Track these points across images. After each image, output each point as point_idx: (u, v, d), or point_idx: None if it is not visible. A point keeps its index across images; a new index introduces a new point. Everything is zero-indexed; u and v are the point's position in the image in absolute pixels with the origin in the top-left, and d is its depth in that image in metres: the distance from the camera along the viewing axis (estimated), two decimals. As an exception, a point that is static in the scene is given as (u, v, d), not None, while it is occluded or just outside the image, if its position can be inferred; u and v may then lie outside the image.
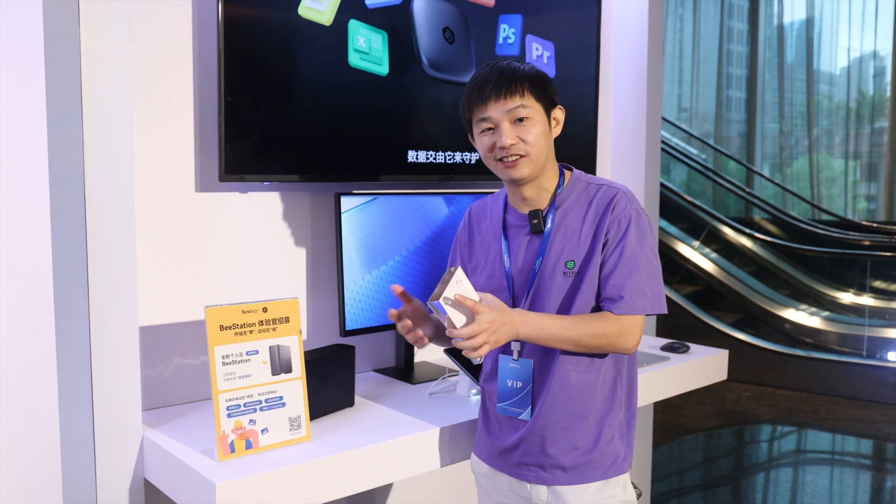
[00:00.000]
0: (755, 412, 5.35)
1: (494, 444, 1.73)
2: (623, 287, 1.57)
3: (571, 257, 1.61)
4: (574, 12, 2.76)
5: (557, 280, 1.62)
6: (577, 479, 1.63)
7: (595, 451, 1.64)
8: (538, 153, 1.61)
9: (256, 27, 1.98)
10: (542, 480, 1.65)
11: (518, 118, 1.59)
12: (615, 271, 1.58)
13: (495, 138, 1.61)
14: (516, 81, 1.59)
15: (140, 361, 1.74)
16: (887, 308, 6.53)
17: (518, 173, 1.61)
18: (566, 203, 1.66)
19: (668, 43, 9.32)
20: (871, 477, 4.28)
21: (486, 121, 1.62)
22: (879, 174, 8.86)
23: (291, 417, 1.67)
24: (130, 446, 1.71)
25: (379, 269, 2.18)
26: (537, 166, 1.62)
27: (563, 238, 1.63)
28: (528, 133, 1.60)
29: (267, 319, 1.65)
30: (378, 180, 2.30)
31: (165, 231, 1.96)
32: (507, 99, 1.58)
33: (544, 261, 1.63)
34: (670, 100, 9.41)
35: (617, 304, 1.57)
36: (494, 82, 1.59)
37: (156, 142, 1.94)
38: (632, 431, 1.70)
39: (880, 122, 8.85)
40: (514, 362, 1.67)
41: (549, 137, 1.65)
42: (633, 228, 1.60)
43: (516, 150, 1.60)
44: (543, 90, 1.62)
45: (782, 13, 9.34)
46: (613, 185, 1.66)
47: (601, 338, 1.56)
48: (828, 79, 9.36)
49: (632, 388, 1.70)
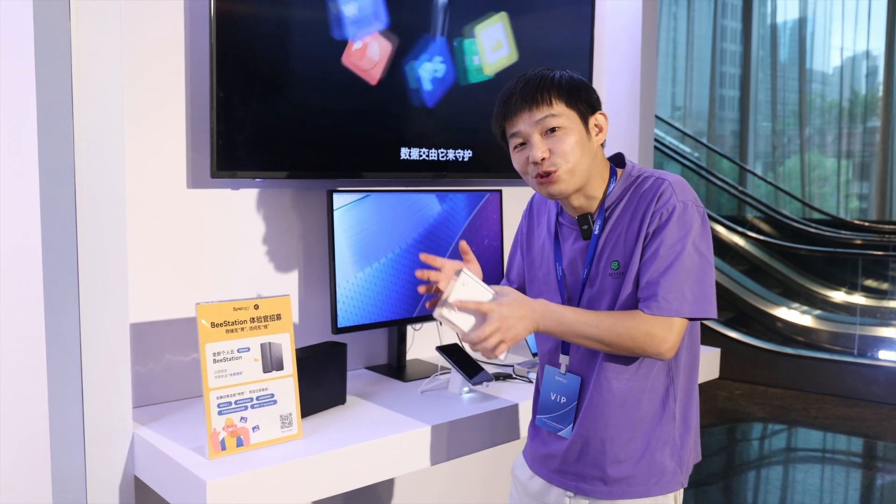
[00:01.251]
0: (747, 410, 5.36)
1: (537, 450, 1.65)
2: (657, 284, 1.43)
3: (616, 257, 1.50)
4: (568, 10, 2.76)
5: (606, 282, 1.51)
6: (619, 494, 1.52)
7: (641, 465, 1.52)
8: (575, 164, 1.48)
9: (249, 23, 1.98)
10: (581, 491, 1.56)
11: (549, 128, 1.48)
12: (650, 267, 1.44)
13: (527, 153, 1.50)
14: (542, 90, 1.48)
15: (131, 358, 1.73)
16: (878, 307, 6.56)
17: (557, 188, 1.49)
18: (614, 204, 1.54)
19: (662, 41, 9.33)
20: (861, 475, 4.29)
21: (517, 136, 1.52)
22: (871, 173, 8.88)
23: (283, 415, 1.67)
24: (121, 443, 1.70)
25: (371, 267, 2.18)
26: (576, 178, 1.50)
27: (610, 240, 1.52)
28: (561, 144, 1.47)
29: (258, 317, 1.65)
30: (370, 177, 2.30)
31: (157, 227, 1.95)
32: (535, 109, 1.47)
33: (593, 265, 1.54)
34: (664, 98, 9.42)
35: (648, 303, 1.43)
36: (520, 93, 1.49)
37: (147, 138, 1.93)
38: (685, 447, 1.56)
39: (872, 121, 8.88)
40: (560, 376, 1.58)
41: (589, 146, 1.51)
42: (674, 221, 1.44)
43: (549, 166, 1.48)
44: (575, 96, 1.50)
45: (775, 12, 9.36)
46: (663, 174, 1.52)
47: (626, 338, 1.42)
48: (820, 78, 9.39)
49: (689, 401, 1.57)
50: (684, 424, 1.56)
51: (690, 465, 1.60)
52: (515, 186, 2.73)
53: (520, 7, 2.59)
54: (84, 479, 1.65)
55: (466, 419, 1.87)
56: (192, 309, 1.99)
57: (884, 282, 6.76)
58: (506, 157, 1.60)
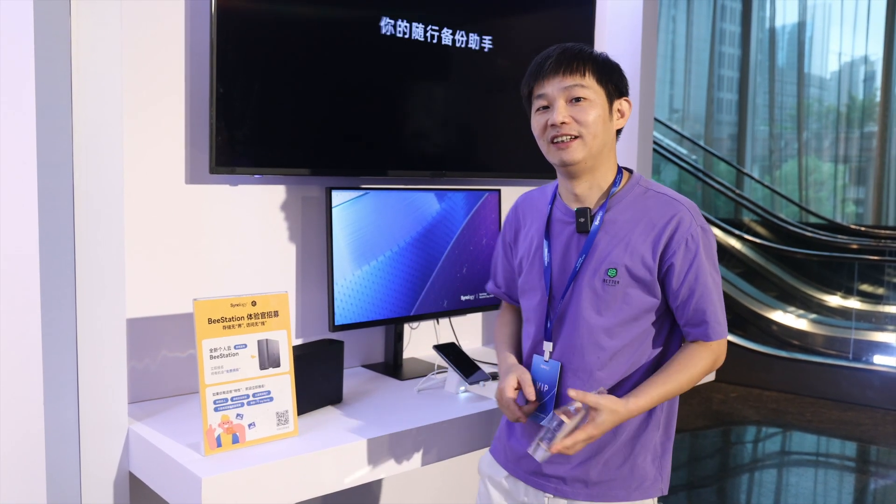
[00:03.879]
0: (742, 413, 5.37)
1: (514, 449, 1.64)
2: (705, 312, 1.49)
3: (615, 265, 1.50)
4: (568, 12, 2.76)
5: (596, 286, 1.52)
6: (599, 497, 1.54)
7: (623, 469, 1.54)
8: (593, 136, 1.50)
9: (250, 19, 1.97)
10: (561, 493, 1.56)
11: (575, 97, 1.49)
12: (695, 296, 1.49)
13: (548, 116, 1.51)
14: (579, 60, 1.50)
15: (127, 353, 1.73)
16: (874, 311, 6.57)
17: (570, 156, 1.50)
18: (619, 206, 1.54)
19: (661, 44, 9.34)
20: (854, 479, 4.30)
21: (542, 98, 1.52)
22: (868, 178, 8.90)
23: (279, 412, 1.66)
24: (116, 439, 1.70)
25: (369, 265, 2.17)
26: (591, 152, 1.51)
27: (610, 242, 1.52)
28: (583, 113, 1.49)
29: (256, 313, 1.64)
30: (370, 175, 2.29)
31: (154, 223, 1.95)
32: (566, 76, 1.49)
33: (585, 262, 1.53)
34: (662, 100, 9.43)
35: (704, 331, 1.50)
36: (556, 58, 1.51)
37: (146, 133, 1.92)
38: (666, 456, 1.60)
39: (869, 126, 8.90)
40: (545, 364, 1.59)
41: (610, 127, 1.54)
42: (702, 248, 1.51)
43: (568, 130, 1.49)
44: (608, 75, 1.52)
45: (774, 16, 9.37)
46: (676, 196, 1.55)
47: (701, 375, 1.50)
48: (818, 82, 9.41)
49: (672, 411, 1.61)
50: (666, 433, 1.60)
51: (669, 473, 1.62)
52: (514, 186, 2.73)
53: (519, 7, 2.59)
54: (79, 474, 1.64)
55: (463, 418, 1.87)
56: (190, 305, 1.98)
57: (879, 286, 6.78)
58: (505, 153, 1.59)
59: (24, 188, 1.56)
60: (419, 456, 1.80)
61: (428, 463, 1.82)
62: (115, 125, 1.65)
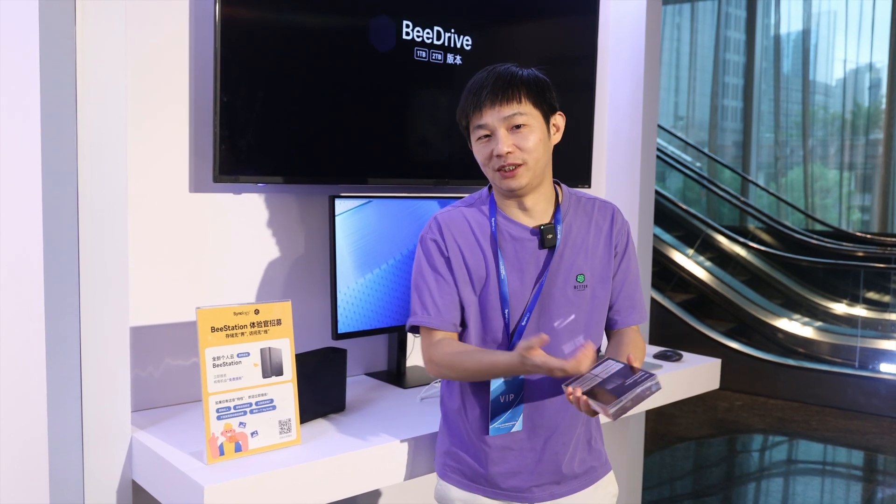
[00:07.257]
0: (747, 421, 5.35)
1: (478, 471, 1.63)
2: (634, 297, 1.67)
3: (582, 271, 1.61)
4: (572, 19, 2.76)
5: (568, 294, 1.59)
6: (588, 483, 1.68)
7: (593, 452, 1.70)
8: (535, 161, 1.55)
9: (254, 27, 1.98)
10: (555, 496, 1.64)
11: (515, 125, 1.54)
12: (625, 284, 1.66)
13: (492, 146, 1.56)
14: (513, 87, 1.53)
15: (130, 362, 1.73)
16: (880, 319, 6.54)
17: (517, 182, 1.56)
18: (569, 216, 1.64)
19: (665, 51, 9.35)
20: (861, 488, 4.28)
21: (483, 128, 1.56)
22: (874, 185, 8.88)
23: (282, 420, 1.66)
24: (119, 447, 1.70)
25: (372, 273, 2.17)
26: (535, 175, 1.57)
27: (573, 252, 1.61)
28: (525, 140, 1.54)
29: (259, 321, 1.65)
30: (373, 183, 2.30)
31: (158, 231, 1.95)
32: (504, 105, 1.53)
33: (553, 275, 1.59)
34: (666, 108, 9.43)
35: (632, 316, 1.67)
36: (490, 88, 1.54)
37: (150, 141, 1.93)
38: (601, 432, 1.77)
39: (875, 133, 8.87)
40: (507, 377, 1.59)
41: (548, 145, 1.60)
42: (631, 241, 1.69)
43: (513, 159, 1.54)
44: (542, 96, 1.57)
45: (779, 24, 9.37)
46: (601, 198, 1.72)
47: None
48: (823, 90, 9.39)
49: None
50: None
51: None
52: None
53: (524, 14, 2.59)
54: (82, 482, 1.64)
55: (466, 427, 1.87)
56: (193, 313, 1.98)
57: (885, 294, 6.75)
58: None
59: (28, 196, 1.57)
60: (422, 465, 1.80)
61: (431, 472, 1.81)
62: (120, 134, 1.65)
